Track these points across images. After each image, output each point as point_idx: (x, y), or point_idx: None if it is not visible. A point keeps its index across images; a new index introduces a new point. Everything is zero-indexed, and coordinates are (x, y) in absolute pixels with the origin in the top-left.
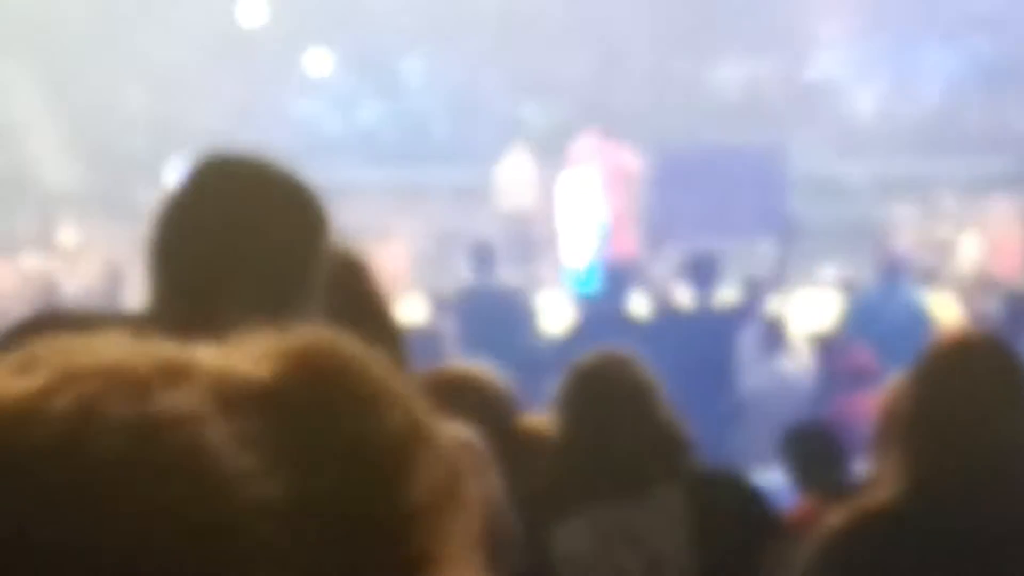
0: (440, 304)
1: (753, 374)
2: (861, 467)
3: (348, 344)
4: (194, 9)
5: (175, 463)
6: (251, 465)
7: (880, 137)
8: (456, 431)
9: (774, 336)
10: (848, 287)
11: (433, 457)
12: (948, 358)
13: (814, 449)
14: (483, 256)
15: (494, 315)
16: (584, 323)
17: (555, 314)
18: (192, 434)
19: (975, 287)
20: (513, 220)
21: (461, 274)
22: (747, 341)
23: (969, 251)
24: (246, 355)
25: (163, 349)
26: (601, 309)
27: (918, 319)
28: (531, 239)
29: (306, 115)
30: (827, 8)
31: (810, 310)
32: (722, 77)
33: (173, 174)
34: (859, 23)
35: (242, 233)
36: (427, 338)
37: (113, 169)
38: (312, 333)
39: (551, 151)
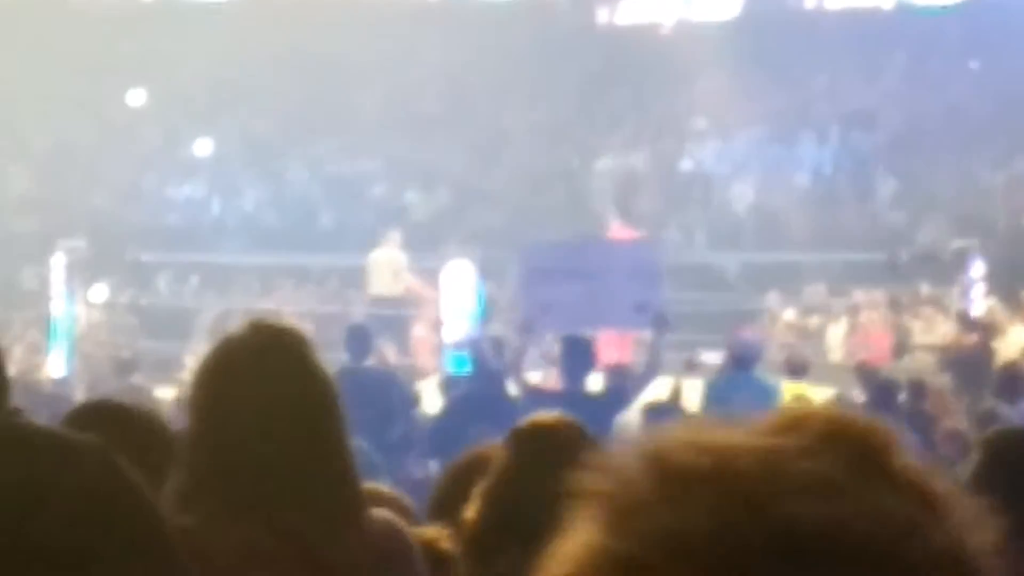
0: None
1: None
2: None
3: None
4: (81, 92)
5: None
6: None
7: (752, 228)
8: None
9: (655, 419)
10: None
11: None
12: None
13: None
14: (358, 338)
15: (368, 396)
16: (456, 403)
17: (430, 395)
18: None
19: (845, 374)
20: (382, 304)
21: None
22: (627, 424)
23: (838, 339)
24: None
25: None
26: (474, 390)
27: (767, 405)
28: (402, 323)
29: (190, 199)
30: (702, 103)
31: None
32: (599, 168)
33: (60, 256)
34: (733, 117)
35: None
36: None
37: None
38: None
39: (432, 237)
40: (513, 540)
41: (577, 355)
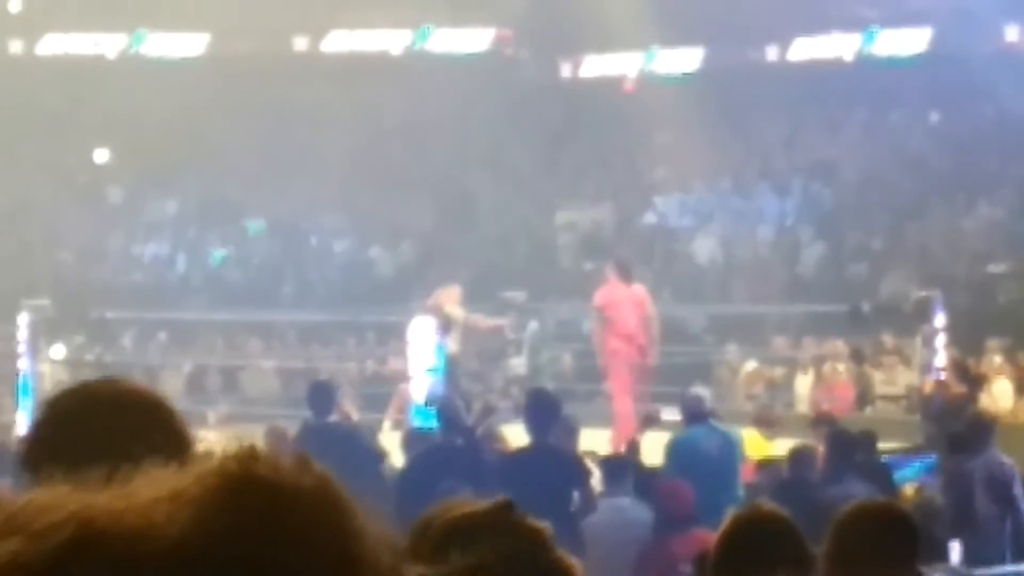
0: (280, 439)
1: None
2: None
3: (269, 469)
4: (44, 150)
5: None
6: None
7: (716, 281)
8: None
9: (615, 472)
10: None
11: None
12: (739, 534)
13: None
14: (320, 394)
15: (332, 452)
16: (425, 458)
17: (398, 449)
18: None
19: (809, 425)
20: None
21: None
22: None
23: (803, 391)
24: (160, 499)
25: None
26: (443, 444)
27: (731, 454)
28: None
29: (154, 258)
30: (664, 156)
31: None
32: (564, 222)
33: (25, 315)
34: (695, 170)
35: None
36: None
37: None
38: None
39: (397, 294)
40: None
41: (542, 408)
